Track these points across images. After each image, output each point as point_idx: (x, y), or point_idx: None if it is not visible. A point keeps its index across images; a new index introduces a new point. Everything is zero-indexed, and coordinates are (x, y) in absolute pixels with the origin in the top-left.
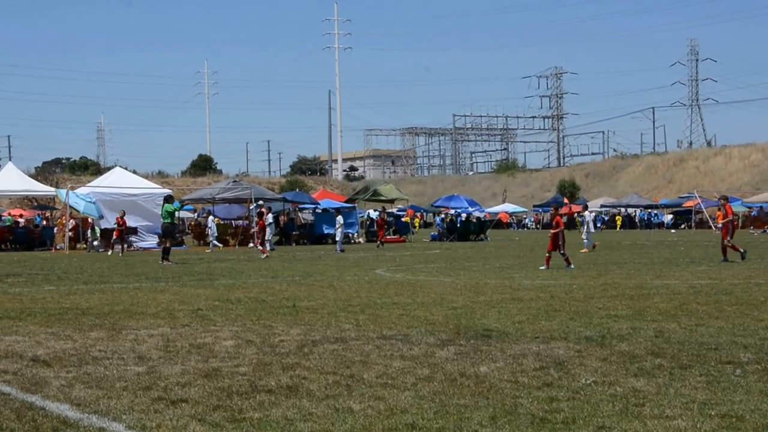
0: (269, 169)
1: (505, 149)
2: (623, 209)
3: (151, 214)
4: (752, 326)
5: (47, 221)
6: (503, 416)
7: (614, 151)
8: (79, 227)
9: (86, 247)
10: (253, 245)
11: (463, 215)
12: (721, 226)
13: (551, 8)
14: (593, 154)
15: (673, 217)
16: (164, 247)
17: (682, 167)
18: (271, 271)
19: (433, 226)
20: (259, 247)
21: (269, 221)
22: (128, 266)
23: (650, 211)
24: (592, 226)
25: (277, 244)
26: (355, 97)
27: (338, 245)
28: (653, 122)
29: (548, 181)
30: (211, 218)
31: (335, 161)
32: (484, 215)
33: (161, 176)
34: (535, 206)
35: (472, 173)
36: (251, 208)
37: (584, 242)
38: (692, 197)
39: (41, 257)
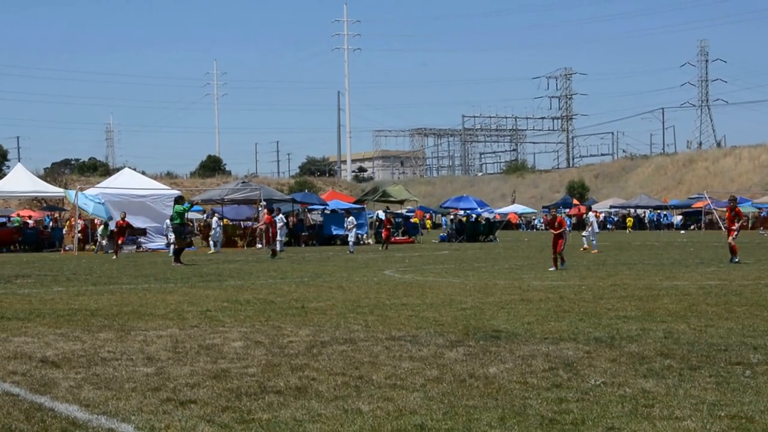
0: (278, 170)
1: (514, 150)
2: (632, 210)
3: (159, 215)
4: (762, 327)
5: (56, 222)
6: (512, 417)
7: (623, 151)
8: (87, 228)
9: (95, 248)
10: (261, 246)
11: (472, 216)
12: (737, 228)
13: (561, 9)
14: (602, 154)
15: (682, 218)
16: (175, 248)
17: (691, 168)
18: (280, 272)
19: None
20: (267, 245)
21: (279, 223)
22: (137, 267)
23: (660, 212)
24: (596, 226)
25: (286, 245)
26: (364, 98)
27: (351, 246)
28: (663, 123)
29: (557, 182)
30: (215, 219)
31: (344, 162)
32: (493, 216)
33: (170, 177)
34: (544, 207)
35: (481, 174)
36: (258, 209)
37: (583, 240)
38: (702, 198)
39: (50, 258)
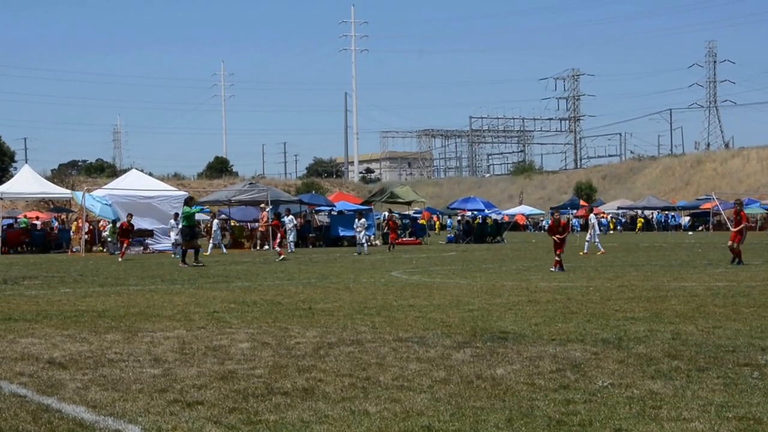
0: (285, 171)
1: (521, 151)
2: (640, 211)
3: (166, 216)
4: None
5: (63, 223)
6: (519, 419)
7: (631, 152)
8: (95, 230)
9: (102, 248)
10: (268, 247)
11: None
12: (739, 230)
13: (568, 10)
14: (610, 156)
15: (690, 219)
16: (183, 250)
17: (699, 169)
18: (287, 273)
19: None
20: (277, 248)
21: (289, 224)
22: (144, 269)
23: (667, 213)
24: (597, 228)
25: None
26: (371, 99)
27: (363, 247)
28: (671, 124)
29: (565, 183)
30: (215, 221)
31: (351, 163)
32: (501, 217)
33: (177, 178)
34: (551, 208)
35: (488, 175)
36: (267, 210)
37: (585, 244)
38: (710, 199)
39: (57, 259)
